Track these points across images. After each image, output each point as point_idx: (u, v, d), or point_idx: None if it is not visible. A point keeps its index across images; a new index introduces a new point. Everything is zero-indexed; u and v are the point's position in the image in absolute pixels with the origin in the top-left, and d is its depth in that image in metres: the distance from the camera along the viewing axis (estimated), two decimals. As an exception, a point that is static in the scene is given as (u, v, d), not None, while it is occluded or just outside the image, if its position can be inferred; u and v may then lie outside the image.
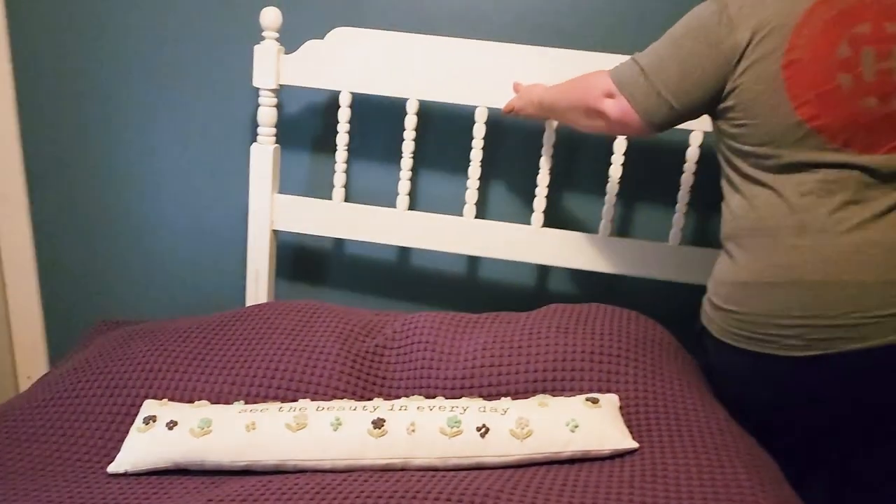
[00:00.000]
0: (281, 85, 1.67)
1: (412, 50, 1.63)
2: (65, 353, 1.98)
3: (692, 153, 1.61)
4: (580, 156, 1.78)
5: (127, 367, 1.34)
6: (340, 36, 1.65)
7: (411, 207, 1.80)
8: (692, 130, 1.59)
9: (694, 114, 1.24)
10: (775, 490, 1.00)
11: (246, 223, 1.85)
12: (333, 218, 1.74)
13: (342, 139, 1.70)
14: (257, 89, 1.66)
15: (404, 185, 1.71)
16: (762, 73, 1.15)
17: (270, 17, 1.62)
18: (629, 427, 1.19)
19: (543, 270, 1.88)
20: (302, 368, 1.31)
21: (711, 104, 1.23)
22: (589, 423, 1.14)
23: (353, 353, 1.38)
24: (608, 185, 1.67)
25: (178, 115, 1.85)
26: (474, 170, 1.68)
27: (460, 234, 1.72)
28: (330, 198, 1.79)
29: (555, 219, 1.82)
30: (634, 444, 1.13)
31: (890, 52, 1.09)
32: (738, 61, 1.16)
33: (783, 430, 1.24)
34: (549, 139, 1.65)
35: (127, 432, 1.23)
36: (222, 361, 1.34)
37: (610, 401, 1.22)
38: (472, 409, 1.16)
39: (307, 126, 1.85)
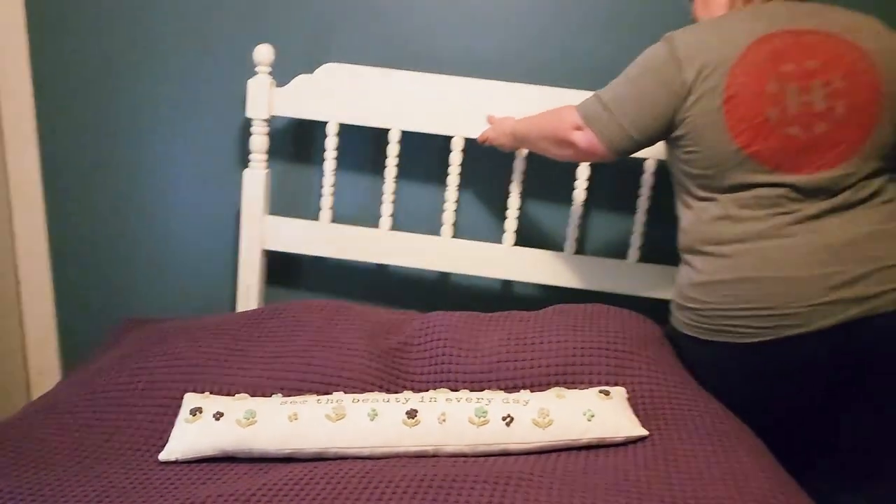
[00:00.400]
0: (272, 115, 1.79)
1: (394, 84, 1.78)
2: (76, 349, 2.05)
3: (647, 179, 1.79)
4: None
5: (166, 362, 1.42)
6: (329, 71, 1.79)
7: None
8: (646, 159, 1.78)
9: (652, 141, 1.42)
10: (773, 470, 1.12)
11: (235, 232, 1.95)
12: (321, 238, 1.87)
13: (329, 165, 1.82)
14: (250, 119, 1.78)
15: (387, 208, 1.85)
16: (706, 107, 1.33)
17: (263, 53, 1.75)
18: (637, 416, 1.30)
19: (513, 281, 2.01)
20: (334, 363, 1.40)
21: (666, 133, 1.41)
22: (603, 413, 1.25)
23: (378, 349, 1.47)
24: (572, 207, 1.84)
25: (179, 128, 1.95)
26: (451, 193, 1.82)
27: (438, 252, 1.86)
28: (309, 213, 1.94)
29: (524, 236, 1.96)
30: (645, 432, 1.24)
31: (810, 86, 1.30)
32: (687, 96, 1.34)
33: (752, 412, 1.36)
34: (518, 167, 1.80)
35: (170, 424, 1.31)
36: (256, 357, 1.43)
37: (619, 393, 1.33)
38: (497, 401, 1.27)
39: (288, 143, 1.96)
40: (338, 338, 1.48)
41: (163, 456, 1.21)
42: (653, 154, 1.73)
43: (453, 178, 1.82)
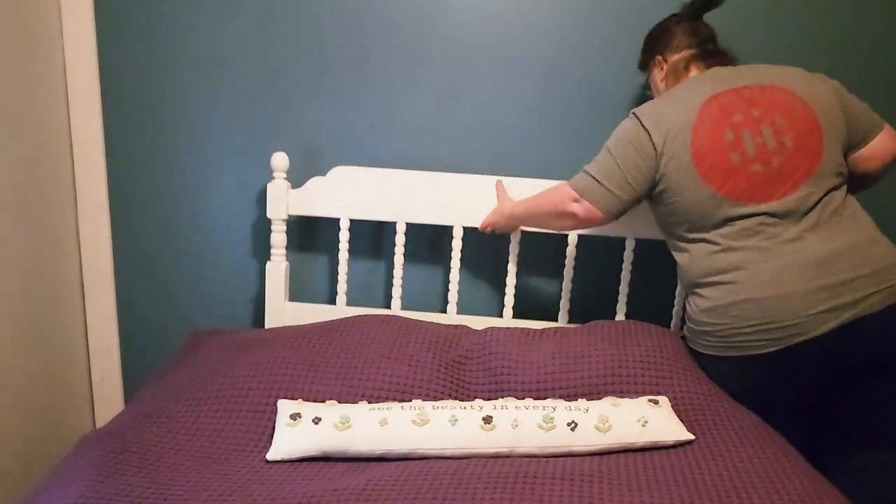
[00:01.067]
0: (290, 214, 1.99)
1: (400, 182, 1.97)
2: (135, 357, 2.18)
3: (628, 255, 2.00)
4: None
5: (255, 372, 1.56)
6: (340, 173, 1.97)
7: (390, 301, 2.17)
8: (626, 238, 2.02)
9: (639, 200, 1.66)
10: (808, 470, 1.29)
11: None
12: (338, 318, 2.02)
13: (343, 255, 2.01)
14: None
15: (397, 290, 2.04)
16: (679, 164, 1.58)
17: (279, 160, 1.94)
18: (682, 422, 1.47)
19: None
20: (407, 374, 1.56)
21: (649, 190, 1.65)
22: (655, 419, 1.42)
23: (444, 361, 1.63)
24: (563, 282, 2.04)
25: (213, 187, 2.12)
26: (454, 275, 2.02)
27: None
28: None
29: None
30: (691, 436, 1.41)
31: (760, 129, 1.56)
32: (660, 158, 1.59)
33: (772, 413, 1.57)
34: (514, 249, 2.01)
35: (266, 427, 1.46)
36: (336, 368, 1.58)
37: (665, 401, 1.50)
38: (560, 408, 1.43)
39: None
40: (406, 350, 1.64)
41: (270, 455, 1.36)
42: (631, 233, 1.97)
43: (455, 262, 2.02)
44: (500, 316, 2.12)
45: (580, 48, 1.99)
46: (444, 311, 2.15)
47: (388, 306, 2.17)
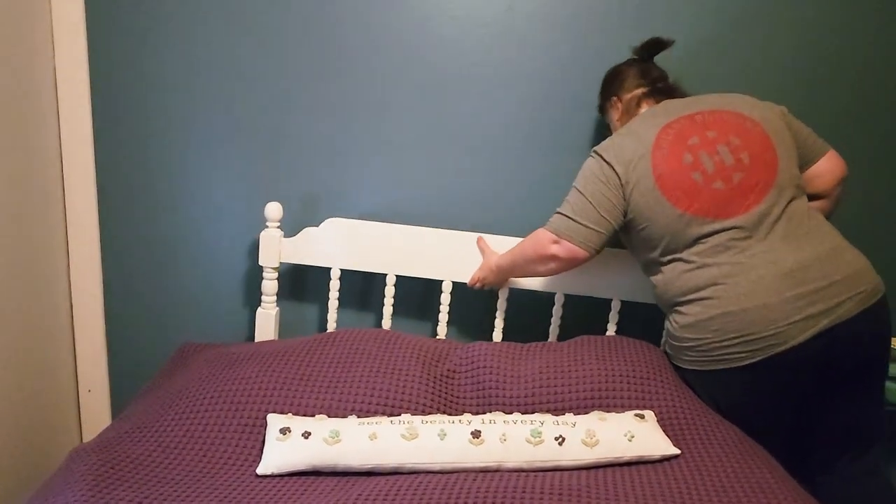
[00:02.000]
0: (281, 262, 2.03)
1: (391, 235, 2.00)
2: (123, 369, 2.18)
3: (612, 315, 2.05)
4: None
5: (244, 386, 1.57)
6: (332, 224, 2.01)
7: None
8: (611, 300, 2.08)
9: (614, 231, 1.71)
10: (792, 485, 1.31)
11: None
12: None
13: (333, 304, 2.05)
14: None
15: None
16: (643, 189, 1.64)
17: (273, 210, 1.98)
18: (668, 437, 1.50)
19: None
20: (396, 388, 1.57)
21: (622, 220, 1.70)
22: (641, 434, 1.44)
23: (432, 375, 1.65)
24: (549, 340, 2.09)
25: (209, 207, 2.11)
26: (442, 328, 2.07)
27: None
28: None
29: None
30: (677, 451, 1.43)
31: (717, 149, 1.63)
32: (624, 187, 1.66)
33: (754, 422, 1.60)
34: (501, 305, 2.05)
35: (257, 441, 1.47)
36: (325, 382, 1.59)
37: (651, 416, 1.53)
38: (548, 423, 1.45)
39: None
40: (395, 365, 1.65)
41: (260, 470, 1.36)
42: (617, 296, 2.03)
43: (443, 315, 2.06)
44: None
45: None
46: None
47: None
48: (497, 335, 2.07)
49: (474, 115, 2.06)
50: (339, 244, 2.00)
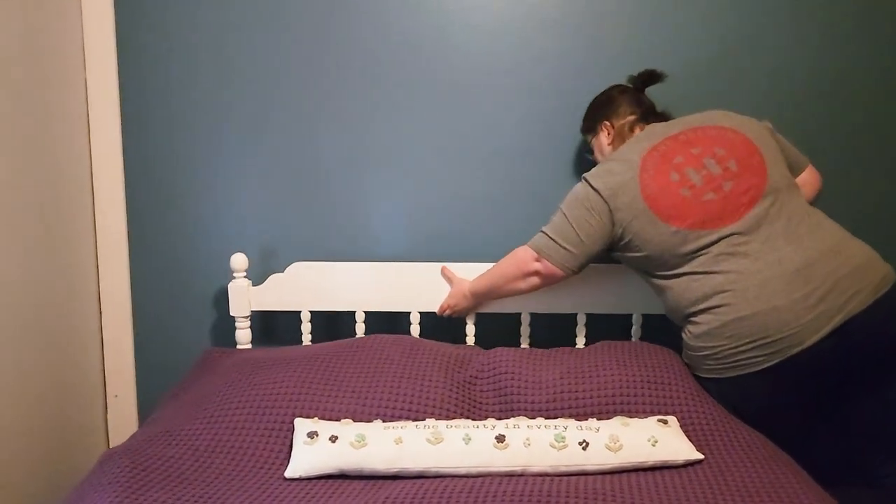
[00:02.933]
0: (252, 311, 2.07)
1: (356, 274, 2.04)
2: (150, 375, 2.22)
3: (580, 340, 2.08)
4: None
5: (271, 390, 1.60)
6: (298, 269, 2.05)
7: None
8: (577, 313, 2.08)
9: (593, 256, 1.75)
10: (817, 490, 1.31)
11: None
12: None
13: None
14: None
15: None
16: (635, 212, 1.67)
17: (238, 260, 2.02)
18: (691, 442, 1.50)
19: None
20: (422, 393, 1.59)
21: (608, 245, 1.74)
22: (665, 439, 1.45)
23: (455, 381, 1.66)
24: None
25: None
26: None
27: None
28: None
29: None
30: (701, 456, 1.44)
31: (703, 163, 1.67)
32: (614, 212, 1.69)
33: (775, 424, 1.61)
34: (470, 330, 2.06)
35: (284, 445, 1.49)
36: (351, 387, 1.61)
37: (674, 421, 1.53)
38: (572, 428, 1.46)
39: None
40: (419, 371, 1.67)
41: (288, 473, 1.39)
42: (582, 310, 2.05)
43: None
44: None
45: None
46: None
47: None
48: None
49: (490, 123, 2.08)
50: (305, 288, 2.05)
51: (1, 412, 1.71)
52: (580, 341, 2.07)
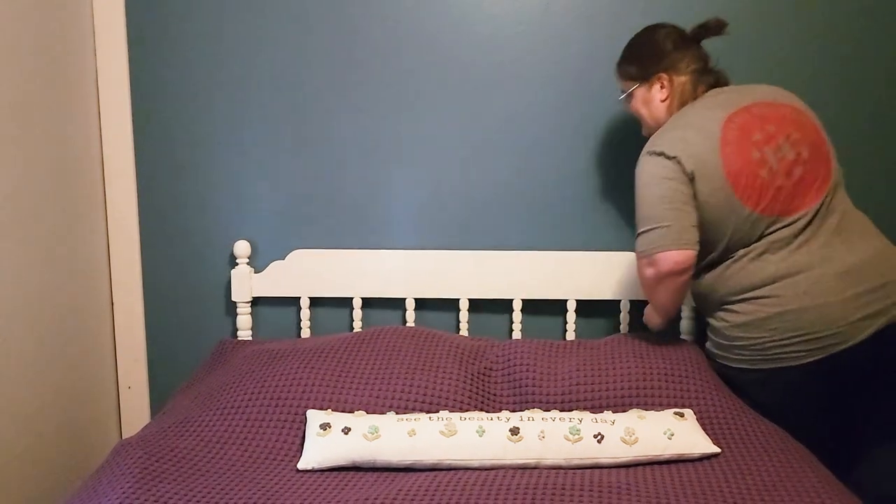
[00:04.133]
0: (254, 297, 2.09)
1: (356, 261, 2.05)
2: (162, 367, 2.22)
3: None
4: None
5: (284, 382, 1.59)
6: (298, 256, 2.06)
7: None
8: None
9: (700, 227, 1.58)
10: (835, 485, 1.29)
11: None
12: None
13: (305, 333, 2.09)
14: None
15: None
16: (713, 188, 1.56)
17: (241, 248, 2.05)
18: (708, 435, 1.48)
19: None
20: (436, 385, 1.58)
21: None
22: (681, 432, 1.43)
23: (469, 373, 1.65)
24: None
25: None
26: None
27: None
28: None
29: None
30: (717, 449, 1.42)
31: (778, 145, 1.57)
32: (693, 182, 1.56)
33: (804, 423, 1.57)
34: (464, 316, 2.04)
35: (296, 436, 1.49)
36: (364, 378, 1.61)
37: (690, 414, 1.51)
38: (587, 420, 1.44)
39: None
40: (433, 362, 1.66)
41: (301, 465, 1.38)
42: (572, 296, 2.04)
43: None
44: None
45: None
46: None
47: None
48: None
49: (510, 114, 2.06)
50: (305, 274, 2.06)
51: (15, 404, 1.71)
52: (570, 328, 2.04)
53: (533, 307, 2.10)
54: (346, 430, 1.41)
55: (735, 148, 1.56)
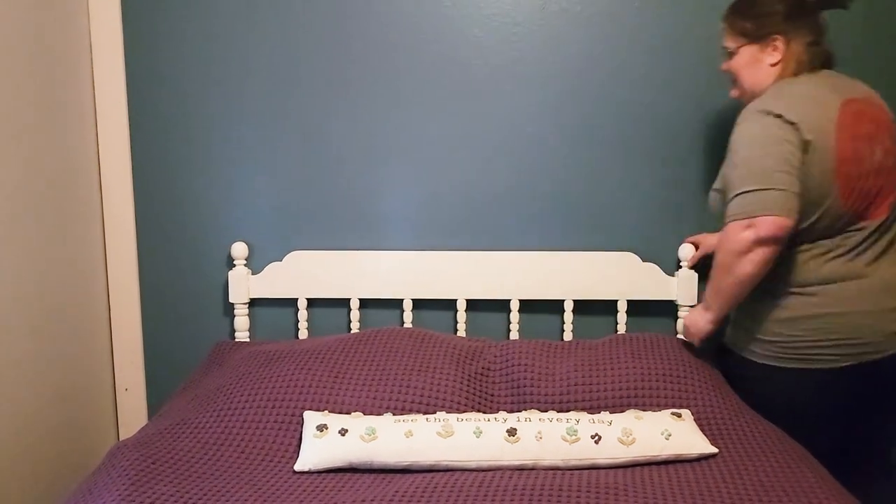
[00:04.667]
0: (251, 298, 2.07)
1: (353, 262, 2.04)
2: (158, 369, 2.21)
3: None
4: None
5: (281, 383, 1.59)
6: (295, 257, 2.05)
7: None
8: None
9: (802, 197, 1.45)
10: (833, 485, 1.29)
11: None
12: None
13: (303, 335, 2.08)
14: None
15: None
16: (822, 168, 1.48)
17: (239, 249, 2.05)
18: (705, 436, 1.48)
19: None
20: (433, 386, 1.58)
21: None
22: (678, 433, 1.43)
23: (467, 373, 1.65)
24: None
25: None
26: None
27: None
28: None
29: None
30: (715, 450, 1.42)
31: (874, 147, 1.50)
32: (806, 154, 1.46)
33: (818, 430, 1.56)
34: (461, 317, 2.01)
35: (293, 438, 1.49)
36: (361, 380, 1.60)
37: (688, 414, 1.51)
38: (584, 421, 1.44)
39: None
40: (430, 363, 1.65)
41: (298, 466, 1.38)
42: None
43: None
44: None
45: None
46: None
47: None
48: None
49: (507, 114, 2.06)
50: (302, 276, 2.05)
51: (12, 406, 1.71)
52: (567, 328, 2.04)
53: (530, 307, 2.09)
54: (343, 432, 1.41)
55: (847, 133, 1.47)
